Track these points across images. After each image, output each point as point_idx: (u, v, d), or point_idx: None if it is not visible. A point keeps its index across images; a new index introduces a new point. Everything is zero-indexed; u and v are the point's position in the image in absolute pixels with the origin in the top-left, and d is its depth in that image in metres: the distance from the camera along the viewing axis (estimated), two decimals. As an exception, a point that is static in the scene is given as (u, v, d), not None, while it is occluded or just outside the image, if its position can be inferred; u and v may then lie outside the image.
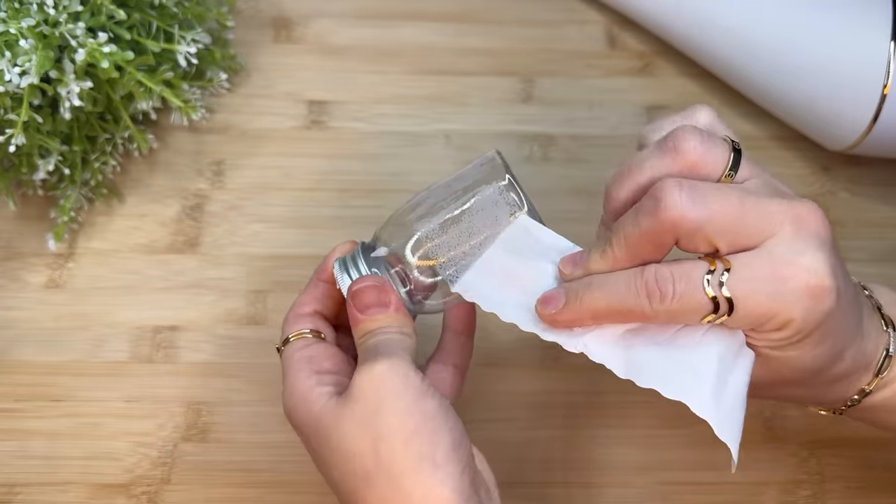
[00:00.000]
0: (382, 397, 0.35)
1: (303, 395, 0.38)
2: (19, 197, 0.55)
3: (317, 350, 0.40)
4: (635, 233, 0.35)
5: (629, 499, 0.49)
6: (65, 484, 0.49)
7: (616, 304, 0.36)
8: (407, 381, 0.35)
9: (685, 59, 0.61)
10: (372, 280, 0.39)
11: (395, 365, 0.36)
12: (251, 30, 0.62)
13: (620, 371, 0.37)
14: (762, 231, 0.34)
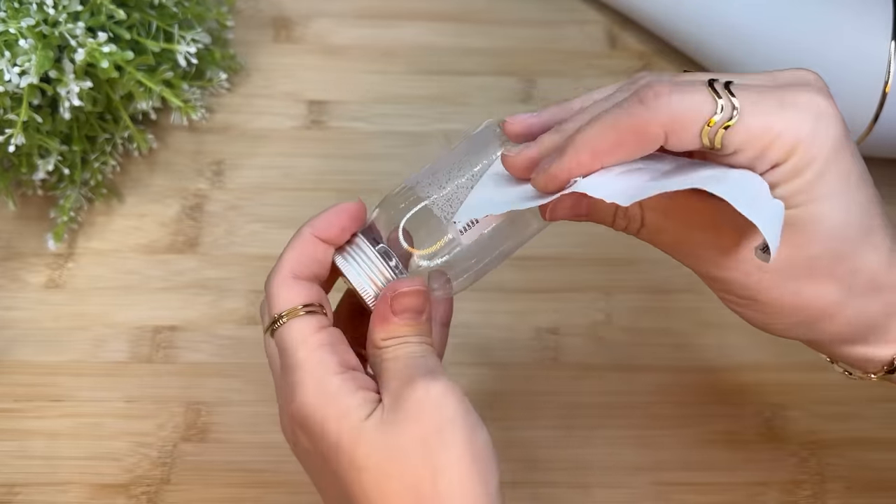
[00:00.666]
0: (444, 422, 0.32)
1: (332, 397, 0.33)
2: (19, 197, 0.55)
3: (336, 337, 0.35)
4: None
5: (627, 499, 0.49)
6: (65, 484, 0.49)
7: (610, 124, 0.31)
8: (467, 408, 0.33)
9: (685, 59, 0.61)
10: (418, 284, 0.35)
11: (455, 388, 0.33)
12: (251, 30, 0.62)
13: (625, 198, 0.31)
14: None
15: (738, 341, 0.53)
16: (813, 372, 0.52)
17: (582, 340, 0.53)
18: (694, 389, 0.52)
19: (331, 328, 0.35)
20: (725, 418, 0.51)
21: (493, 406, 0.51)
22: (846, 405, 0.52)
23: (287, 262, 0.36)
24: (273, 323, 0.35)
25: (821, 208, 0.31)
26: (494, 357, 0.52)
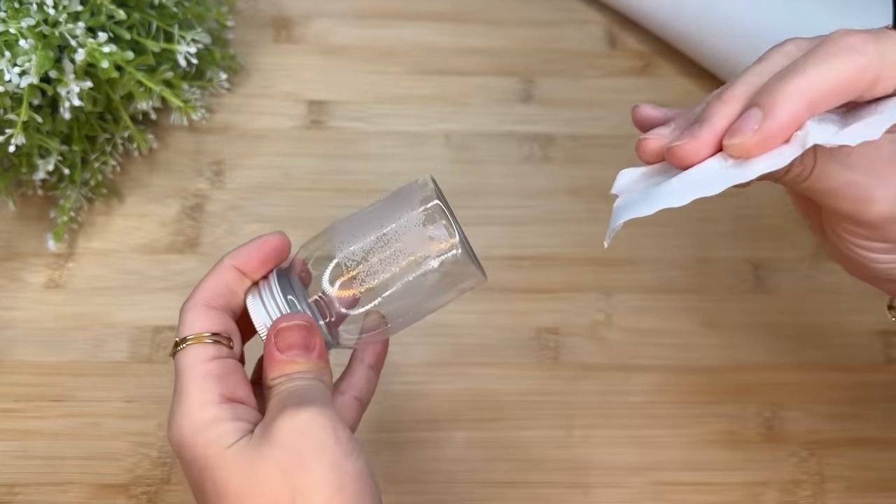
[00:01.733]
0: (308, 448, 0.32)
1: (205, 425, 0.33)
2: (19, 197, 0.55)
3: (229, 368, 0.35)
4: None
5: (627, 499, 0.49)
6: (65, 484, 0.49)
7: (825, 70, 0.29)
8: (336, 435, 0.33)
9: (685, 59, 0.61)
10: (301, 319, 0.35)
11: (324, 415, 0.33)
12: (251, 30, 0.62)
13: (855, 137, 0.29)
14: None
15: (738, 341, 0.53)
16: (813, 372, 0.53)
17: (582, 340, 0.53)
18: (694, 389, 0.52)
19: (228, 360, 0.35)
20: (725, 418, 0.51)
21: (493, 406, 0.51)
22: (846, 405, 0.52)
23: (201, 289, 0.36)
24: (175, 346, 0.35)
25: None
26: (494, 357, 0.52)
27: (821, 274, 0.55)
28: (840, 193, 0.33)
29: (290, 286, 0.36)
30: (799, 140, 0.30)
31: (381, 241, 0.36)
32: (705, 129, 0.31)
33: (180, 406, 0.34)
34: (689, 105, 0.63)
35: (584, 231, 0.56)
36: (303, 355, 0.35)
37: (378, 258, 0.36)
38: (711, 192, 0.31)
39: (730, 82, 0.32)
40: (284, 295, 0.36)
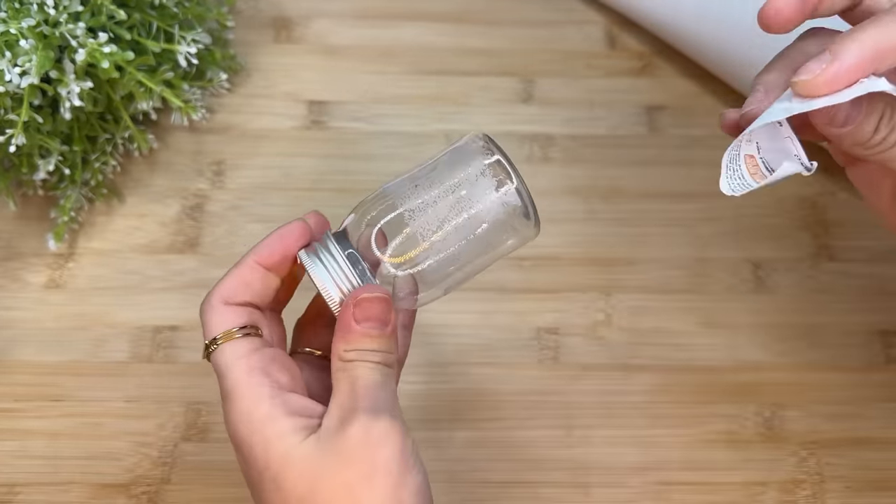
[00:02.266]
0: (377, 465, 0.32)
1: (261, 424, 0.33)
2: (19, 197, 0.55)
3: (269, 357, 0.35)
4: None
5: (627, 499, 0.49)
6: (65, 484, 0.49)
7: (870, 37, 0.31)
8: (403, 451, 0.32)
9: (685, 59, 0.61)
10: (381, 292, 0.35)
11: (395, 428, 0.32)
12: (251, 30, 0.62)
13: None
14: None
15: (738, 341, 0.53)
16: (813, 372, 0.53)
17: (582, 340, 0.53)
18: (694, 389, 0.52)
19: (266, 350, 0.35)
20: (725, 418, 0.51)
21: (493, 406, 0.51)
22: (846, 405, 0.52)
23: (219, 289, 0.36)
24: (207, 348, 0.35)
25: None
26: (494, 357, 0.52)
27: (821, 274, 0.55)
28: None
29: (355, 254, 0.36)
30: (864, 85, 0.31)
31: (445, 193, 0.36)
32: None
33: (232, 406, 0.33)
34: (689, 104, 0.63)
35: (584, 231, 0.56)
36: (378, 329, 0.34)
37: (443, 211, 0.36)
38: (775, 118, 0.32)
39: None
40: (353, 264, 0.35)
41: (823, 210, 0.57)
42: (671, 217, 0.56)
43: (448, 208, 0.36)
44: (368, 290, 0.35)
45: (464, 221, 0.36)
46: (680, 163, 0.58)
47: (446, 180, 0.36)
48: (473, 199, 0.36)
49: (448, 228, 0.36)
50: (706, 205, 0.57)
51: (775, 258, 0.55)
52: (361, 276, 0.36)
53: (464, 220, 0.36)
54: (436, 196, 0.36)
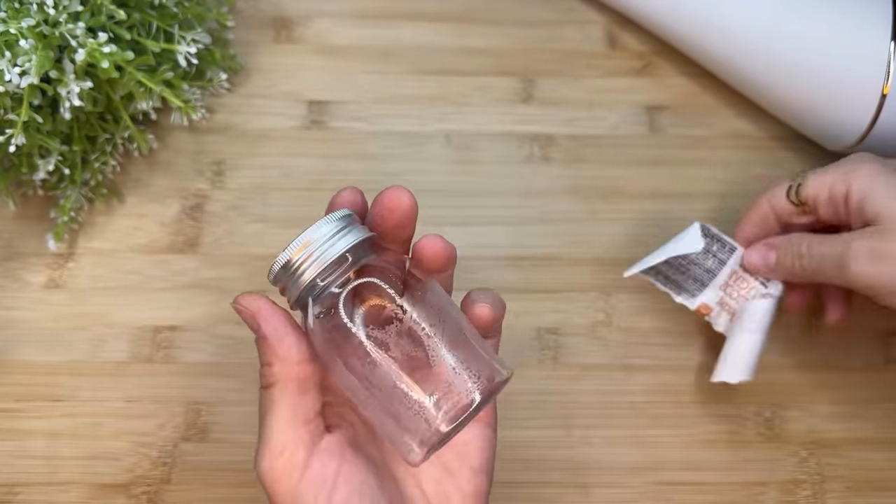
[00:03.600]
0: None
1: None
2: (19, 197, 0.55)
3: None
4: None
5: (626, 499, 0.49)
6: (65, 484, 0.49)
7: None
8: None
9: (685, 59, 0.61)
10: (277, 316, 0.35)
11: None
12: (251, 30, 0.62)
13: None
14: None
15: (738, 341, 0.53)
16: (813, 372, 0.53)
17: (582, 340, 0.53)
18: (694, 389, 0.52)
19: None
20: (725, 418, 0.51)
21: (493, 406, 0.51)
22: (846, 405, 0.52)
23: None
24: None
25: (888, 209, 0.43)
26: (494, 357, 0.52)
27: (821, 274, 0.55)
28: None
29: (347, 256, 0.34)
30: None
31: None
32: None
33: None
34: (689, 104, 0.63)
35: (584, 231, 0.56)
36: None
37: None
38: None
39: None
40: (339, 262, 0.34)
41: (823, 210, 0.57)
42: (671, 217, 0.56)
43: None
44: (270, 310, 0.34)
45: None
46: (680, 163, 0.58)
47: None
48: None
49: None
50: (706, 205, 0.57)
51: (775, 258, 0.55)
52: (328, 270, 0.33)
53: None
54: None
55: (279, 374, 0.33)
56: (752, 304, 0.49)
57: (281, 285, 0.34)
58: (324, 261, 0.33)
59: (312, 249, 0.33)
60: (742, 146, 0.59)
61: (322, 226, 0.33)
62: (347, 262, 0.33)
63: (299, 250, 0.33)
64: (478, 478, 0.36)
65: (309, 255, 0.33)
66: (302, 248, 0.33)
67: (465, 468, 0.36)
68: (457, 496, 0.35)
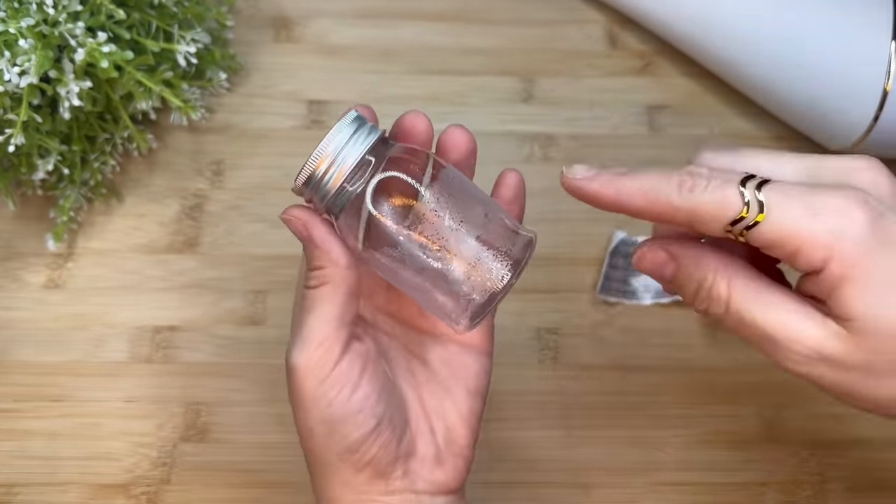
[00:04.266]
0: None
1: None
2: (19, 197, 0.55)
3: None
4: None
5: (627, 499, 0.49)
6: (64, 484, 0.49)
7: (645, 184, 0.33)
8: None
9: (685, 59, 0.61)
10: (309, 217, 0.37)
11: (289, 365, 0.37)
12: (251, 29, 0.62)
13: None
14: None
15: (739, 341, 0.53)
16: (813, 372, 0.52)
17: (582, 340, 0.53)
18: (694, 389, 0.52)
19: None
20: (725, 418, 0.51)
21: (493, 406, 0.51)
22: (846, 405, 0.52)
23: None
24: None
25: (871, 312, 0.30)
26: (494, 357, 0.52)
27: (821, 274, 0.55)
28: (763, 347, 0.35)
29: (370, 159, 0.36)
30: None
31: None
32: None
33: None
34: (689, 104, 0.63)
35: (584, 231, 0.56)
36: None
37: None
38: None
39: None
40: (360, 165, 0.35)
41: (824, 210, 0.57)
42: (671, 217, 0.56)
43: None
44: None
45: None
46: (680, 163, 0.58)
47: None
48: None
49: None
50: (706, 205, 0.57)
51: (776, 258, 0.55)
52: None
53: None
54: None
55: (331, 276, 0.36)
56: None
57: (308, 196, 0.36)
58: (348, 166, 0.34)
59: (334, 157, 0.35)
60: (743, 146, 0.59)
61: (338, 133, 0.35)
62: (369, 163, 0.35)
63: (321, 162, 0.35)
64: (472, 399, 0.39)
65: (332, 163, 0.34)
66: (324, 160, 0.35)
67: (461, 389, 0.39)
68: (453, 413, 0.39)
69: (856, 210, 0.30)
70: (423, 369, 0.40)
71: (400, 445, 0.37)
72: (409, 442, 0.37)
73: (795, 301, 0.33)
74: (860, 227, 0.30)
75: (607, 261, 0.54)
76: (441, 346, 0.40)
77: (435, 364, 0.40)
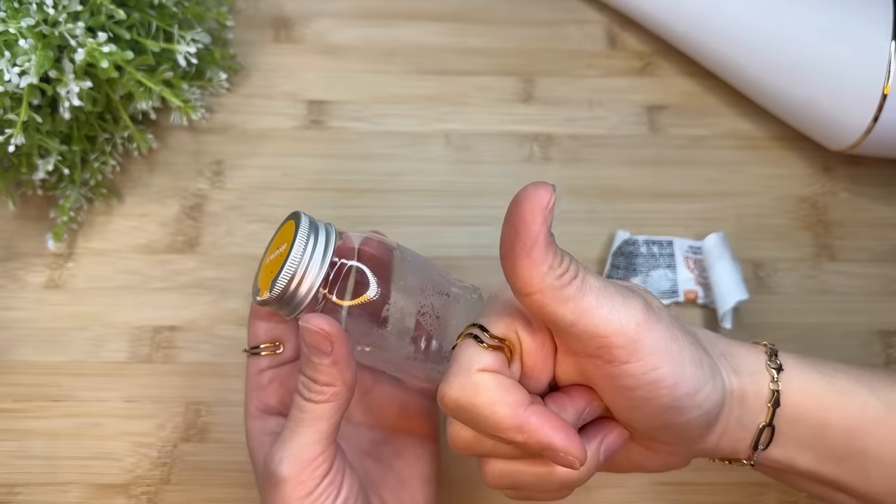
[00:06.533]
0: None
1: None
2: (19, 197, 0.55)
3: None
4: None
5: (627, 499, 0.49)
6: (64, 484, 0.49)
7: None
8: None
9: (685, 59, 0.61)
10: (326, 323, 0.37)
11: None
12: (251, 29, 0.62)
13: None
14: None
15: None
16: (813, 372, 0.52)
17: (582, 340, 0.53)
18: (694, 389, 0.52)
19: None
20: (725, 418, 0.51)
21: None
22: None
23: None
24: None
25: (652, 379, 0.32)
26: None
27: (821, 274, 0.55)
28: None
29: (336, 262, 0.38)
30: None
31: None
32: None
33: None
34: (689, 104, 0.63)
35: (584, 231, 0.56)
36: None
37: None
38: None
39: None
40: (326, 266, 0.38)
41: (824, 210, 0.57)
42: (671, 217, 0.56)
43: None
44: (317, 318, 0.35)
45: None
46: (680, 163, 0.58)
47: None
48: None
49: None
50: (706, 205, 0.57)
51: (775, 258, 0.55)
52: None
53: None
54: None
55: (338, 395, 0.35)
56: (706, 244, 0.54)
57: (275, 308, 0.37)
58: (317, 279, 0.35)
59: (304, 270, 0.35)
60: (742, 146, 0.59)
61: (302, 245, 0.35)
62: (335, 264, 0.36)
63: (292, 279, 0.35)
64: (427, 486, 0.41)
65: (303, 276, 0.35)
66: (292, 279, 0.35)
67: (416, 479, 0.40)
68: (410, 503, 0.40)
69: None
70: (378, 466, 0.40)
71: None
72: None
73: None
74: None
75: (609, 261, 0.54)
76: (392, 442, 0.41)
77: (388, 459, 0.40)
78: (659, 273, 0.54)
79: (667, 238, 0.55)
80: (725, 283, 0.52)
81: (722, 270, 0.52)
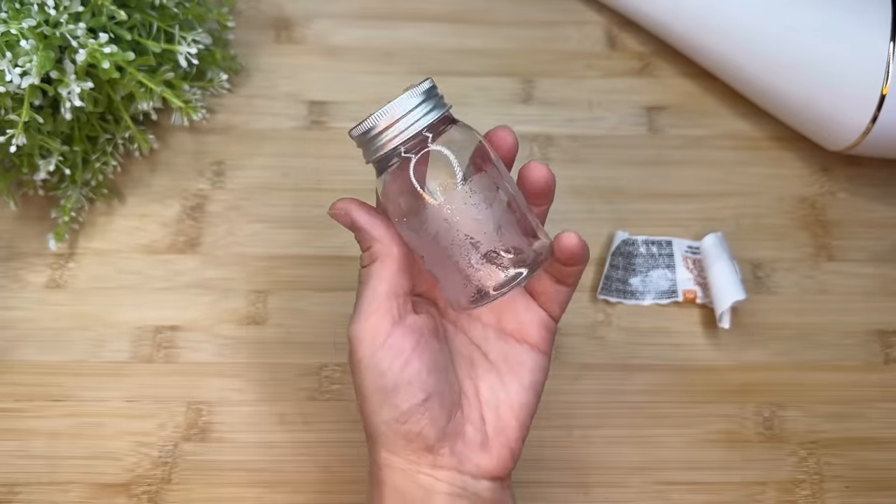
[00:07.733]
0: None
1: None
2: (20, 197, 0.56)
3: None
4: None
5: (627, 499, 0.49)
6: (65, 484, 0.49)
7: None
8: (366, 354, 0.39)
9: (685, 59, 0.61)
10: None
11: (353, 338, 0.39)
12: (252, 30, 0.62)
13: None
14: None
15: (738, 341, 0.53)
16: (812, 372, 0.53)
17: (582, 340, 0.53)
18: (694, 389, 0.52)
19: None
20: (725, 418, 0.51)
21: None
22: (845, 405, 0.52)
23: None
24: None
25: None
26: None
27: (821, 274, 0.55)
28: None
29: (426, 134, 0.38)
30: None
31: None
32: None
33: None
34: (689, 104, 0.63)
35: (584, 231, 0.56)
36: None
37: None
38: None
39: None
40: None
41: (823, 210, 0.57)
42: (671, 217, 0.56)
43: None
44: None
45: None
46: (680, 163, 0.58)
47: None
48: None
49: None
50: (706, 205, 0.57)
51: (774, 258, 0.56)
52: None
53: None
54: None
55: (378, 252, 0.38)
56: (704, 244, 0.54)
57: (360, 144, 0.37)
58: (405, 135, 0.36)
59: (396, 121, 0.36)
60: (741, 146, 0.59)
61: (407, 100, 0.36)
62: (425, 136, 0.36)
63: (385, 124, 0.36)
64: (526, 393, 0.40)
65: (392, 124, 0.36)
66: (387, 120, 0.36)
67: (515, 383, 0.40)
68: (505, 405, 0.40)
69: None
70: (483, 360, 0.41)
71: (448, 424, 0.38)
72: (458, 424, 0.39)
73: None
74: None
75: (608, 261, 0.54)
76: (502, 341, 0.41)
77: (494, 357, 0.41)
78: (658, 273, 0.54)
79: (666, 238, 0.55)
80: (723, 284, 0.52)
81: (720, 270, 0.52)
